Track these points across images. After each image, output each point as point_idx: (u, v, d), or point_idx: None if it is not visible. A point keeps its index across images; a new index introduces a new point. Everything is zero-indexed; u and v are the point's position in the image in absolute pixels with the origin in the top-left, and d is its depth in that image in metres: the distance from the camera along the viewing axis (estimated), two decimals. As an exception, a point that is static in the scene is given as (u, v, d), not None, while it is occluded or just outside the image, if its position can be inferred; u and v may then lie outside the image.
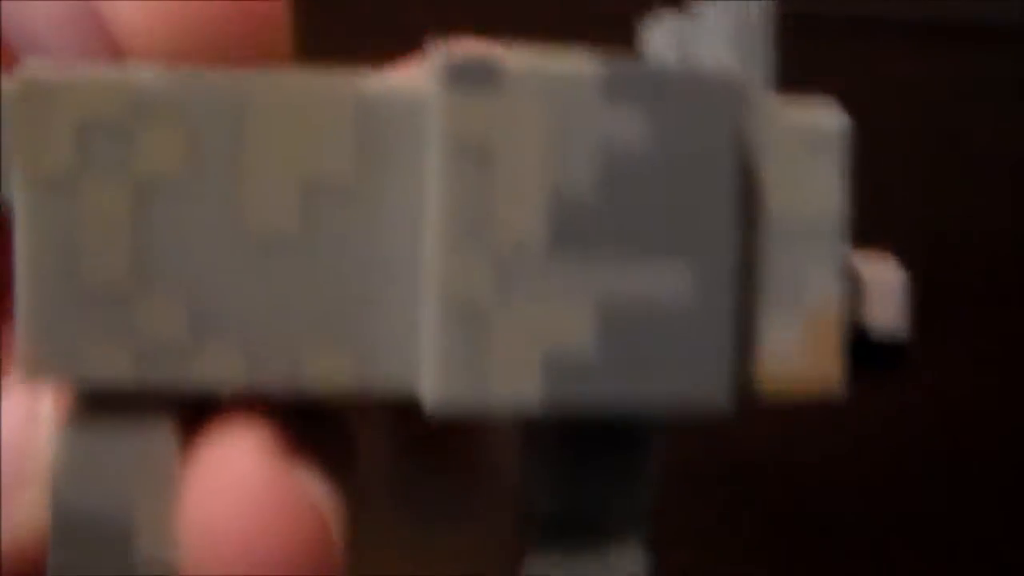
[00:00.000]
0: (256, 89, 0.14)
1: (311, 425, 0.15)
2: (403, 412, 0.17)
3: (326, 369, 0.14)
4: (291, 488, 0.14)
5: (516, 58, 0.14)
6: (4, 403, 0.15)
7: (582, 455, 0.16)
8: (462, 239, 0.14)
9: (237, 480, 0.14)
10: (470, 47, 0.14)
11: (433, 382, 0.14)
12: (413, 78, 0.14)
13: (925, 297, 0.62)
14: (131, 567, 0.15)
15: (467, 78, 0.14)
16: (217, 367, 0.14)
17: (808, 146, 0.15)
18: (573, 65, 0.14)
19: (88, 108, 0.14)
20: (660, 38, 0.17)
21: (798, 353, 0.15)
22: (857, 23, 0.80)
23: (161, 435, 0.15)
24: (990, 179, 0.66)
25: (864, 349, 0.16)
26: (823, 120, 0.16)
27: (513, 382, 0.14)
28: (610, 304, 0.14)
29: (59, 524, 0.14)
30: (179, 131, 0.14)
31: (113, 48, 0.15)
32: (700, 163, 0.14)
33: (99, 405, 0.14)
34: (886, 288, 0.17)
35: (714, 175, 0.14)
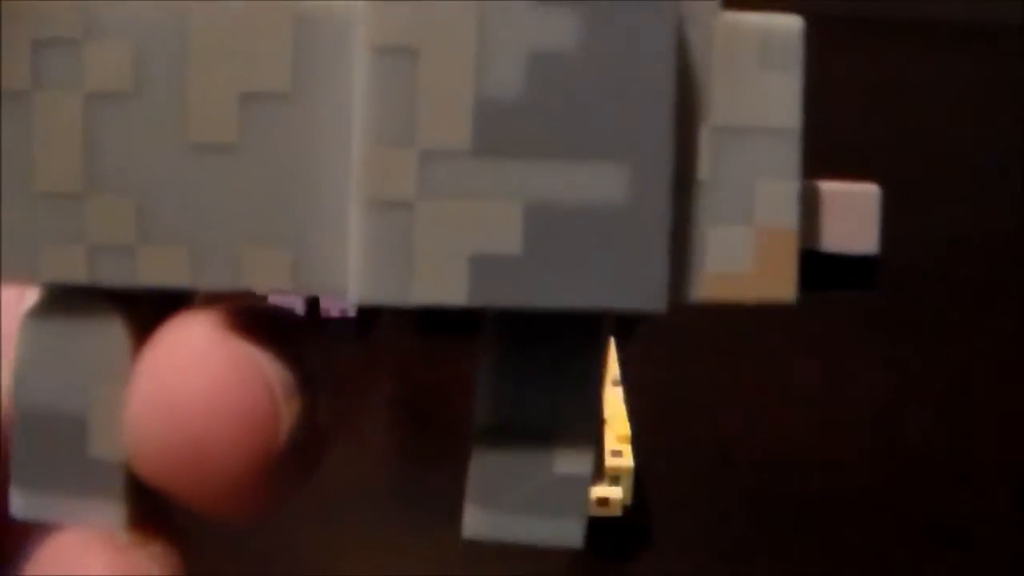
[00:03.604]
0: (199, 6, 0.15)
1: (267, 328, 0.16)
2: (405, 410, 0.17)
3: (264, 267, 0.15)
4: (243, 358, 0.15)
5: None
6: None
7: (529, 360, 0.16)
8: (387, 136, 0.14)
9: (188, 349, 0.15)
10: None
11: (356, 275, 0.15)
12: None
13: (925, 297, 0.62)
14: (86, 458, 0.15)
15: None
16: (163, 266, 0.15)
17: (761, 55, 0.15)
18: None
19: (41, 22, 0.15)
20: None
21: (748, 262, 0.15)
22: (857, 23, 0.80)
23: (115, 335, 0.15)
24: (990, 179, 0.66)
25: (830, 264, 0.16)
26: (777, 28, 0.15)
27: (437, 277, 0.15)
28: (538, 204, 0.15)
29: (20, 416, 0.15)
30: (125, 45, 0.15)
31: None
32: (634, 66, 0.14)
33: (57, 303, 0.15)
34: (854, 203, 0.16)
35: (649, 76, 0.14)
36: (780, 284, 0.15)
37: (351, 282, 0.15)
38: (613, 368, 0.46)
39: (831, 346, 0.52)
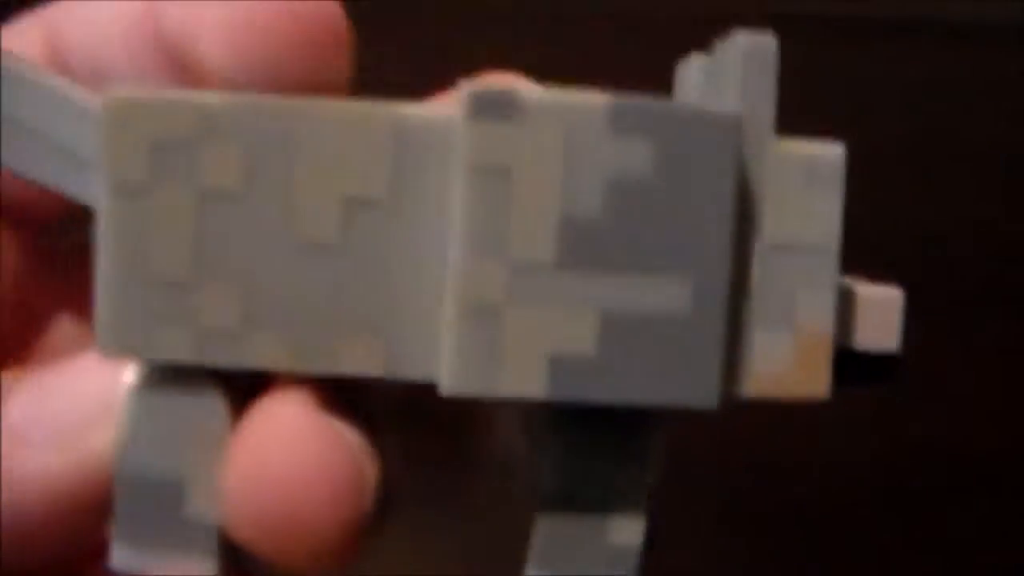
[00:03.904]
0: (305, 114, 0.16)
1: (343, 397, 0.17)
2: (408, 411, 0.18)
3: (360, 357, 0.16)
4: (332, 435, 0.16)
5: (534, 92, 0.16)
6: None
7: (589, 436, 0.17)
8: (481, 248, 0.16)
9: (284, 428, 0.16)
10: (495, 81, 0.17)
11: (449, 369, 0.16)
12: (445, 108, 0.16)
13: (923, 297, 0.62)
14: (182, 518, 0.17)
15: (491, 109, 0.16)
16: (265, 352, 0.16)
17: (806, 177, 0.17)
18: (585, 99, 0.16)
19: (162, 125, 0.16)
20: (689, 77, 0.19)
21: (788, 363, 0.17)
22: (857, 23, 0.80)
23: (214, 407, 0.17)
24: (990, 179, 0.67)
25: (857, 361, 0.18)
26: (820, 154, 0.17)
27: (520, 373, 0.16)
28: (612, 312, 0.16)
29: (122, 478, 0.17)
30: (237, 148, 0.16)
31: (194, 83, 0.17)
32: (700, 190, 0.16)
33: (161, 377, 0.17)
34: (880, 308, 0.18)
35: (712, 201, 0.16)
36: (816, 382, 0.17)
37: (442, 376, 0.16)
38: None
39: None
